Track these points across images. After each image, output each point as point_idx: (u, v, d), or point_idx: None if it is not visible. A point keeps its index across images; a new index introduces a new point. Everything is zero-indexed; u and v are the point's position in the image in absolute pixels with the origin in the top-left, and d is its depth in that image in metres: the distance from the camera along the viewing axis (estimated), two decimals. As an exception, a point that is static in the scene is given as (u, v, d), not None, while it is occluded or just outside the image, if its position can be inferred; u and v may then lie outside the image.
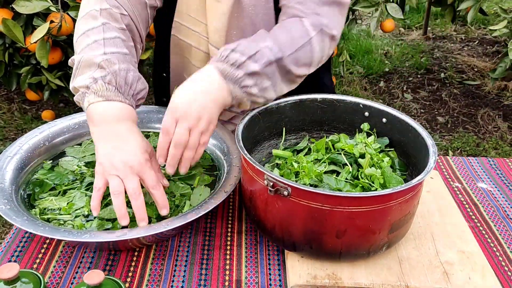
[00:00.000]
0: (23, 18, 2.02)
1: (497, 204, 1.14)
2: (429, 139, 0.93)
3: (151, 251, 0.98)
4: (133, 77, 0.97)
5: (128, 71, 0.97)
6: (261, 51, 0.93)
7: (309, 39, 1.00)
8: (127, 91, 0.96)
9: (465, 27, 4.78)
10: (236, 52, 0.93)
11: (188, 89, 0.92)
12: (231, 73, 0.92)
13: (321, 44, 1.03)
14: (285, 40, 0.97)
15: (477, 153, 2.99)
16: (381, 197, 0.80)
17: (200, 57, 1.22)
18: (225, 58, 0.93)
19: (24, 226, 0.86)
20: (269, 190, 0.84)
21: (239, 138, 0.92)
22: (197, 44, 1.20)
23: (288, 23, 1.03)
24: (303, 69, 1.02)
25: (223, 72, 0.92)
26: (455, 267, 0.90)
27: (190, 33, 1.20)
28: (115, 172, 0.90)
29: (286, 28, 1.01)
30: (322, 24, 1.02)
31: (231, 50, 0.93)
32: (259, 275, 0.93)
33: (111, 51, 0.98)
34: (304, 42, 0.99)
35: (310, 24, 1.01)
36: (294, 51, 0.98)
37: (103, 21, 1.01)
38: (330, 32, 1.04)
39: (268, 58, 0.94)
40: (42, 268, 0.93)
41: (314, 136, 1.12)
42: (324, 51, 1.05)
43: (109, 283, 0.79)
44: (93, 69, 0.95)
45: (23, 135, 1.12)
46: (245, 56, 0.92)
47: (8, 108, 3.25)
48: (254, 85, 0.94)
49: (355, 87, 3.68)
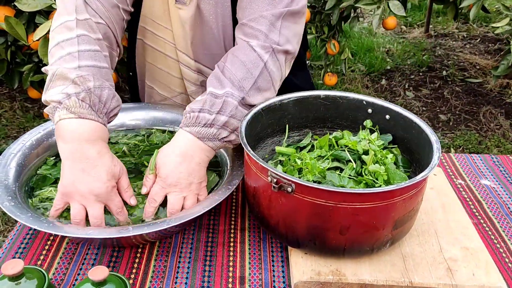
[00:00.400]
0: (25, 16, 2.02)
1: (501, 201, 1.14)
2: (433, 135, 0.93)
3: (155, 247, 0.98)
4: (108, 94, 0.97)
5: (103, 88, 0.96)
6: (225, 101, 0.97)
7: (264, 64, 1.02)
8: (100, 109, 0.96)
9: (467, 25, 4.77)
10: (204, 111, 0.97)
11: (172, 158, 0.96)
12: (206, 133, 0.96)
13: (276, 64, 1.04)
14: (241, 76, 1.00)
15: (479, 151, 2.99)
16: (385, 193, 0.80)
17: (166, 61, 1.24)
18: (196, 120, 0.96)
19: (28, 223, 0.86)
20: (273, 187, 0.84)
21: (243, 135, 0.92)
22: (163, 49, 1.22)
23: (240, 53, 1.03)
24: (267, 93, 1.04)
25: (198, 134, 0.96)
26: (459, 263, 0.90)
27: (155, 38, 1.22)
28: (79, 199, 0.91)
29: (240, 61, 1.02)
30: (273, 43, 1.03)
31: (198, 111, 0.97)
32: (263, 272, 0.93)
33: (86, 64, 0.97)
34: (260, 70, 1.01)
35: (260, 48, 1.03)
36: (253, 83, 1.00)
37: (78, 33, 1.00)
38: (282, 48, 1.05)
39: (233, 105, 0.98)
40: (46, 264, 0.93)
41: (317, 133, 1.12)
42: (282, 69, 1.07)
43: (113, 279, 0.80)
44: (66, 84, 0.94)
45: (26, 133, 1.12)
46: (213, 113, 0.96)
47: (10, 106, 3.25)
48: (230, 133, 0.99)
49: (356, 85, 3.68)
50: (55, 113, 0.94)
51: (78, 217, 0.91)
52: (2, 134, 2.96)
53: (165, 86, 1.29)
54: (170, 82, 1.27)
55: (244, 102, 1.00)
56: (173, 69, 1.24)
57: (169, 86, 1.28)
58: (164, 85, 1.29)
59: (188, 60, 1.20)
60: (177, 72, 1.24)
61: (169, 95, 1.30)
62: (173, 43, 1.19)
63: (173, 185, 0.96)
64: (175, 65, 1.23)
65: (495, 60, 4.03)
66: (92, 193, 0.91)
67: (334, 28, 2.67)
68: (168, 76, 1.26)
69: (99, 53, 1.01)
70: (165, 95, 1.30)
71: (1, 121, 3.10)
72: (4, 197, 0.93)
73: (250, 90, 1.00)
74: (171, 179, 0.96)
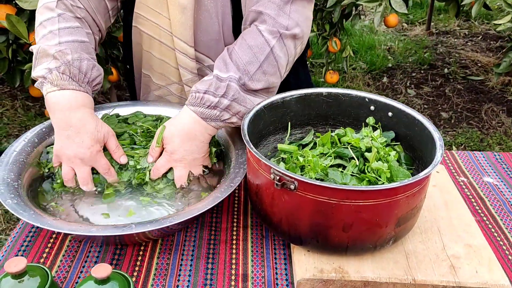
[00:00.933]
0: (27, 14, 2.02)
1: (503, 198, 1.14)
2: (435, 132, 0.93)
3: (157, 245, 0.98)
4: (87, 65, 1.05)
5: (81, 60, 1.04)
6: (228, 85, 1.01)
7: (270, 49, 1.05)
8: (81, 79, 1.04)
9: (468, 22, 4.76)
10: (209, 93, 1.01)
11: (178, 136, 1.03)
12: (210, 114, 1.02)
13: (283, 50, 1.06)
14: (247, 60, 1.04)
15: (481, 148, 2.98)
16: (388, 190, 0.80)
17: (161, 49, 1.23)
18: (201, 101, 1.02)
19: (31, 220, 0.87)
20: (276, 184, 0.83)
21: (245, 132, 0.92)
22: (158, 36, 1.22)
23: (248, 37, 1.06)
24: (272, 78, 1.07)
25: (202, 114, 1.02)
26: (462, 260, 0.90)
27: (150, 25, 1.21)
28: (67, 162, 1.02)
29: (247, 45, 1.05)
30: (281, 27, 1.05)
31: (204, 92, 1.02)
32: (265, 269, 0.93)
33: (65, 40, 1.05)
34: (266, 55, 1.04)
35: (268, 33, 1.05)
36: (258, 67, 1.04)
37: (59, 12, 1.08)
38: (291, 32, 1.06)
39: (235, 89, 1.02)
40: (49, 262, 0.93)
41: (320, 131, 1.12)
42: (290, 53, 1.08)
43: (116, 277, 0.80)
44: (48, 60, 1.03)
45: (28, 131, 1.12)
46: (217, 96, 1.01)
47: (11, 105, 3.25)
48: (232, 116, 1.04)
49: (358, 83, 3.68)
50: (42, 88, 1.03)
51: (67, 177, 1.03)
52: (4, 132, 2.96)
53: (160, 75, 1.28)
54: (165, 71, 1.26)
55: (246, 87, 1.04)
56: (168, 57, 1.23)
57: (164, 74, 1.27)
58: (159, 74, 1.28)
59: (186, 47, 1.18)
60: (173, 60, 1.23)
61: (164, 83, 1.29)
62: (169, 30, 1.18)
63: (179, 161, 1.04)
64: (170, 53, 1.22)
65: (497, 57, 4.03)
66: (77, 157, 1.01)
67: (336, 26, 2.67)
68: (163, 64, 1.25)
69: (79, 29, 1.09)
70: (160, 83, 1.29)
71: (2, 119, 3.10)
72: (7, 194, 0.93)
73: (255, 74, 1.04)
74: (177, 155, 1.04)
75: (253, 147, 0.88)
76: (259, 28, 1.06)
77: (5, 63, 2.30)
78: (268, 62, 1.05)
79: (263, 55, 1.04)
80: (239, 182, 0.98)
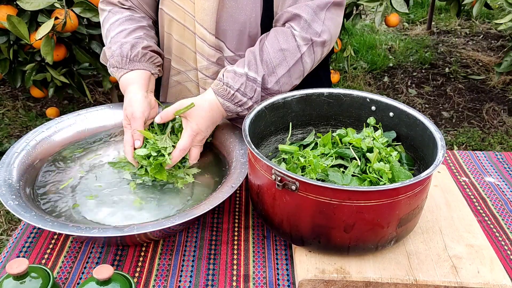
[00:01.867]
0: (28, 14, 2.02)
1: (505, 198, 1.14)
2: (437, 132, 0.93)
3: (159, 246, 0.98)
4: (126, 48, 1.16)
5: (121, 45, 1.16)
6: (256, 90, 1.08)
7: (300, 56, 1.10)
8: (129, 58, 1.16)
9: (469, 22, 4.76)
10: (240, 92, 1.08)
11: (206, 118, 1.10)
12: (234, 109, 1.11)
13: (311, 57, 1.12)
14: (277, 62, 1.09)
15: (482, 148, 2.98)
16: (390, 191, 0.80)
17: (183, 33, 1.23)
18: (231, 97, 1.09)
19: (32, 222, 0.87)
20: (277, 185, 0.83)
21: (246, 133, 0.92)
22: (182, 20, 1.21)
23: (281, 38, 1.10)
24: (295, 81, 1.13)
25: (228, 108, 1.10)
26: (464, 261, 0.90)
27: (176, 8, 1.21)
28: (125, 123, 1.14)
29: (280, 47, 1.09)
30: (314, 34, 1.09)
31: (236, 89, 1.08)
32: (267, 270, 0.93)
33: (115, 33, 1.19)
34: (295, 60, 1.10)
35: (301, 39, 1.09)
36: (287, 71, 1.10)
37: (109, 9, 1.23)
38: (321, 39, 1.10)
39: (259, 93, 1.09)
40: (51, 263, 0.93)
41: (321, 131, 1.12)
42: (316, 59, 1.14)
43: (118, 278, 0.80)
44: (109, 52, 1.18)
45: (30, 132, 1.12)
46: (246, 97, 1.09)
47: (12, 105, 3.25)
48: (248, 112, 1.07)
49: (359, 83, 3.67)
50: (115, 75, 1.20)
51: None
52: (5, 133, 2.97)
53: (179, 59, 1.28)
54: (184, 54, 1.26)
55: (269, 91, 1.10)
56: (189, 41, 1.23)
57: (183, 58, 1.27)
58: (178, 58, 1.28)
59: (206, 34, 1.18)
60: (193, 45, 1.23)
61: (182, 68, 1.29)
62: (193, 14, 1.18)
63: (199, 141, 1.12)
64: (191, 37, 1.21)
65: (498, 56, 4.02)
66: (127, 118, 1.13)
67: (337, 26, 2.66)
68: (184, 48, 1.25)
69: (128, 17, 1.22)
70: (179, 68, 1.29)
71: (3, 120, 3.10)
72: (8, 196, 0.93)
73: (282, 77, 1.10)
74: (200, 137, 1.11)
75: (254, 148, 0.88)
76: (293, 31, 1.09)
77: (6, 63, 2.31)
78: (296, 67, 1.10)
79: (293, 60, 1.09)
80: (240, 182, 0.98)
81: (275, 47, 1.09)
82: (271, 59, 1.09)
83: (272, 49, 1.09)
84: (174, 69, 1.30)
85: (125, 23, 1.20)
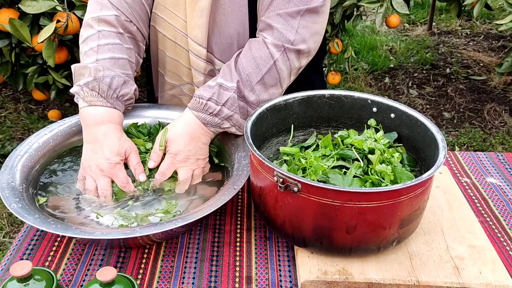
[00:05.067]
0: (30, 17, 2.03)
1: (507, 199, 1.14)
2: (438, 134, 0.93)
3: (161, 248, 0.98)
4: (118, 82, 1.08)
5: (113, 77, 1.08)
6: (231, 97, 1.06)
7: (273, 62, 1.08)
8: (110, 94, 1.08)
9: (470, 22, 4.76)
10: (212, 101, 1.06)
11: (182, 138, 1.06)
12: (211, 120, 1.07)
13: (286, 63, 1.09)
14: (250, 71, 1.08)
15: (484, 148, 2.98)
16: (392, 192, 0.80)
17: (175, 50, 1.24)
18: (204, 107, 1.06)
19: (36, 224, 0.87)
20: (279, 187, 0.84)
21: (248, 135, 0.92)
22: (173, 37, 1.22)
23: (254, 47, 1.09)
24: (272, 89, 1.10)
25: (204, 120, 1.07)
26: (466, 261, 0.90)
27: (166, 26, 1.22)
28: (90, 173, 1.05)
29: (252, 56, 1.08)
30: (286, 41, 1.08)
31: (207, 99, 1.06)
32: (269, 271, 0.93)
33: (103, 57, 1.09)
34: (269, 67, 1.08)
35: (273, 46, 1.08)
36: (260, 79, 1.08)
37: (99, 29, 1.12)
38: (295, 47, 1.09)
39: (236, 101, 1.07)
40: (54, 265, 0.94)
41: (322, 133, 1.12)
42: (293, 67, 1.11)
43: (121, 280, 0.80)
44: (84, 77, 1.07)
45: (32, 135, 1.13)
46: (219, 104, 1.06)
47: (14, 108, 3.26)
48: (231, 126, 1.09)
49: (360, 84, 3.68)
50: (78, 103, 1.08)
51: (89, 188, 1.05)
52: (7, 135, 2.97)
53: (173, 74, 1.29)
54: (178, 70, 1.28)
55: (246, 100, 1.08)
56: (182, 58, 1.24)
57: (177, 74, 1.28)
58: (172, 73, 1.29)
59: (199, 49, 1.19)
60: (186, 61, 1.24)
61: (177, 82, 1.30)
62: (184, 32, 1.19)
63: (183, 161, 1.07)
64: (184, 54, 1.23)
65: (499, 57, 4.02)
66: (98, 168, 1.04)
67: (337, 27, 2.67)
68: (176, 64, 1.26)
69: (118, 46, 1.12)
70: (174, 83, 1.31)
71: (5, 122, 3.11)
72: (12, 198, 0.94)
73: (256, 85, 1.08)
74: (181, 156, 1.06)
75: (256, 150, 0.88)
76: (265, 40, 1.09)
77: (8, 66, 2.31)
78: (270, 74, 1.08)
79: (265, 67, 1.08)
80: (242, 184, 0.99)
81: (247, 56, 1.09)
82: (244, 67, 1.08)
83: (245, 59, 1.09)
84: (169, 84, 1.32)
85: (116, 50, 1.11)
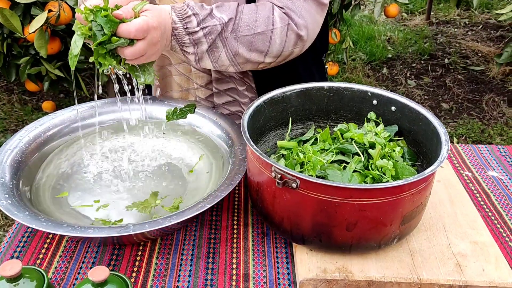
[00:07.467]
0: (21, 7, 1.98)
1: (508, 193, 1.12)
2: (441, 127, 0.90)
3: (156, 245, 0.95)
4: None
5: None
6: (214, 27, 0.98)
7: (271, 29, 1.01)
8: None
9: (468, 12, 4.72)
10: (197, 18, 0.97)
11: (161, 30, 0.93)
12: (181, 35, 0.97)
13: (283, 38, 1.02)
14: (247, 21, 1.00)
15: (482, 139, 2.96)
16: (393, 188, 0.78)
17: None
18: (185, 18, 0.97)
19: (26, 222, 0.84)
20: (277, 183, 0.81)
21: (245, 129, 0.90)
22: None
23: (261, 6, 1.03)
24: (254, 54, 1.02)
25: (176, 29, 0.97)
26: (468, 258, 0.88)
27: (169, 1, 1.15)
28: None
29: (255, 11, 1.01)
30: (292, 20, 1.02)
31: (194, 14, 0.97)
32: (267, 269, 0.91)
33: None
34: (263, 30, 1.01)
35: (278, 16, 1.02)
36: (251, 34, 1.00)
37: None
38: (297, 31, 1.03)
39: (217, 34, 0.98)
40: (45, 264, 0.91)
41: (321, 126, 1.10)
42: (287, 47, 1.04)
43: (114, 279, 0.77)
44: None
45: (23, 128, 1.10)
46: (199, 27, 0.97)
47: (8, 99, 3.22)
48: (192, 53, 1.00)
49: (357, 74, 3.64)
50: None
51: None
52: (1, 127, 2.94)
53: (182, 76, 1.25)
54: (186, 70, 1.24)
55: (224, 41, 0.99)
56: None
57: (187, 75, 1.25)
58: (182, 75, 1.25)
59: None
60: None
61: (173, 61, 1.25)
62: None
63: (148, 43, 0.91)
64: None
65: (498, 47, 3.99)
66: None
67: (335, 17, 2.63)
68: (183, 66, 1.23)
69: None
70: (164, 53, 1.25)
71: (-1, 114, 3.07)
72: (1, 195, 0.91)
73: (244, 37, 1.00)
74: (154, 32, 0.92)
75: (254, 145, 0.86)
76: (274, 7, 1.03)
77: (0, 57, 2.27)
78: (262, 37, 1.01)
79: (261, 28, 1.00)
80: (239, 179, 0.96)
81: (251, 8, 1.02)
82: (242, 15, 1.00)
83: (247, 8, 1.02)
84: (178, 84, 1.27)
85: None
